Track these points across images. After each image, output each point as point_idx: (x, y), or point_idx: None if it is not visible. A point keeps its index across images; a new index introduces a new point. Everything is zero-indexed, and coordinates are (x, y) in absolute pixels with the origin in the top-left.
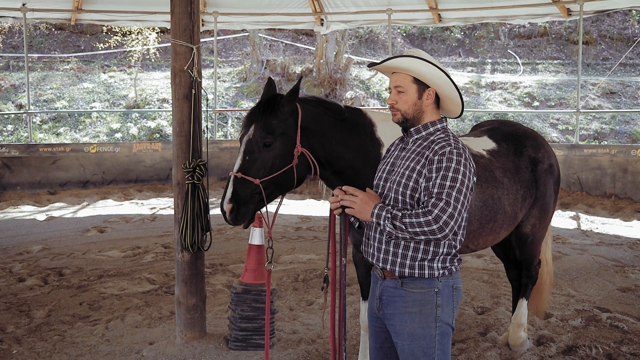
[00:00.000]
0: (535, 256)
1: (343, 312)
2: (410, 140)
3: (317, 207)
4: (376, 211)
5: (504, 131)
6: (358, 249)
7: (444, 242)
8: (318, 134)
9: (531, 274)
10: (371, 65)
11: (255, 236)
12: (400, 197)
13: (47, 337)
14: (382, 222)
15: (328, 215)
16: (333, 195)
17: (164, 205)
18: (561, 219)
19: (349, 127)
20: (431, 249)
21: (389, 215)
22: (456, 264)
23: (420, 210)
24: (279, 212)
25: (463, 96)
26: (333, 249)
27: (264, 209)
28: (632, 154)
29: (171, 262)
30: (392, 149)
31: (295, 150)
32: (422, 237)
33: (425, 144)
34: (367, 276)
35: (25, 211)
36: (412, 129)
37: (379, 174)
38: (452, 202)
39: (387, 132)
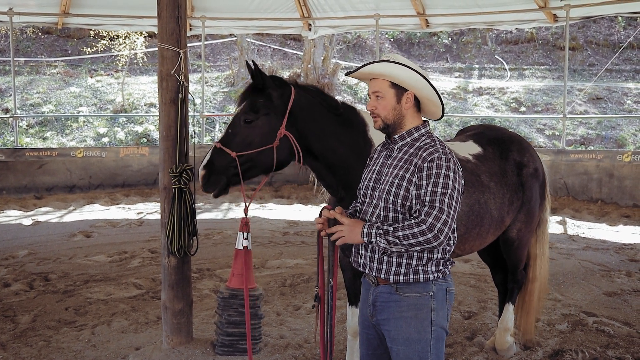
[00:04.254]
0: (522, 260)
1: (331, 333)
2: (396, 147)
3: (304, 212)
4: (366, 230)
5: (489, 136)
6: (345, 253)
7: (439, 248)
8: (311, 122)
9: (517, 278)
10: (348, 73)
11: (242, 241)
12: (390, 206)
13: (32, 343)
14: (374, 240)
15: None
16: (320, 216)
17: (151, 210)
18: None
19: (343, 123)
20: (425, 255)
21: (381, 232)
22: (449, 266)
23: (413, 221)
24: (267, 216)
25: (450, 102)
26: (321, 266)
27: (248, 209)
28: (618, 159)
29: (158, 267)
30: (375, 156)
31: (278, 132)
32: (418, 248)
33: (411, 150)
34: (354, 281)
35: (11, 216)
36: (396, 136)
37: (365, 182)
38: (445, 208)
39: (379, 134)
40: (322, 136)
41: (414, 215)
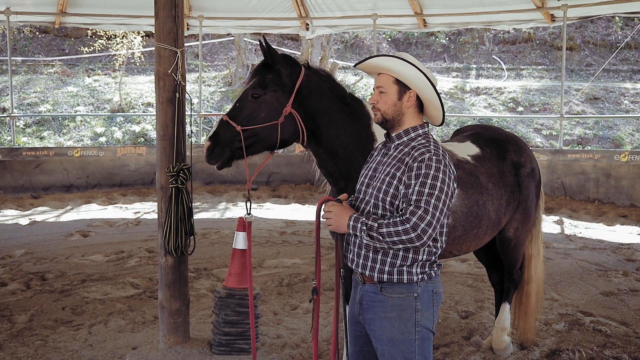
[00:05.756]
0: (518, 260)
1: (337, 324)
2: (392, 146)
3: (302, 212)
4: (351, 223)
5: (486, 136)
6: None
7: (424, 249)
8: (318, 105)
9: (513, 277)
10: (356, 64)
11: (239, 240)
12: (380, 203)
13: (29, 342)
14: (358, 234)
15: (315, 221)
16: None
17: (148, 210)
18: (545, 224)
19: (349, 112)
20: (410, 255)
21: (365, 227)
22: (435, 269)
23: (398, 219)
24: (264, 215)
25: (448, 102)
26: (318, 254)
27: (251, 195)
28: (615, 159)
29: (155, 267)
30: (375, 153)
31: (284, 109)
32: (400, 246)
33: (405, 149)
34: (349, 279)
35: (8, 215)
36: (393, 135)
37: (361, 179)
38: (430, 209)
39: (381, 128)
40: (327, 121)
41: (400, 213)
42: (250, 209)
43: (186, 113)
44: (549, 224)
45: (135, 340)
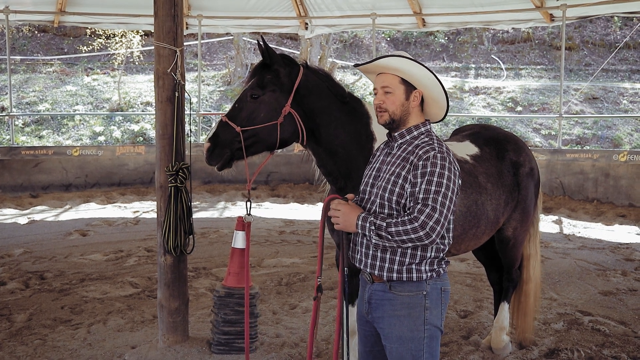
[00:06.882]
0: (517, 259)
1: (340, 323)
2: (395, 145)
3: (301, 211)
4: (360, 222)
5: (485, 135)
6: (338, 247)
7: (432, 247)
8: (317, 104)
9: (512, 277)
10: (357, 65)
11: (238, 239)
12: (386, 203)
13: (28, 341)
14: (367, 233)
15: (320, 220)
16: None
17: (147, 209)
18: (544, 223)
19: (348, 111)
20: (419, 253)
21: (373, 227)
22: (444, 266)
23: (406, 218)
24: (263, 215)
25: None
26: (320, 252)
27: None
28: (613, 158)
29: (154, 266)
30: (378, 153)
31: (283, 109)
32: (410, 245)
33: (409, 148)
34: (352, 279)
35: (7, 214)
36: (396, 134)
37: (365, 179)
38: (438, 207)
39: (381, 128)
40: (326, 120)
41: (408, 212)
42: (250, 209)
43: (185, 112)
44: (547, 224)
45: (134, 340)
